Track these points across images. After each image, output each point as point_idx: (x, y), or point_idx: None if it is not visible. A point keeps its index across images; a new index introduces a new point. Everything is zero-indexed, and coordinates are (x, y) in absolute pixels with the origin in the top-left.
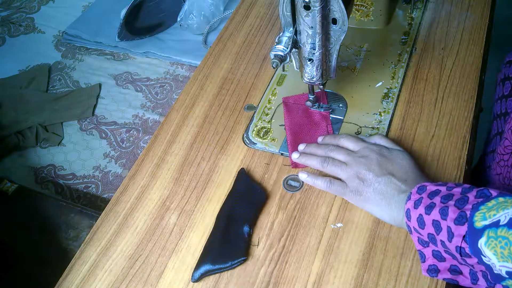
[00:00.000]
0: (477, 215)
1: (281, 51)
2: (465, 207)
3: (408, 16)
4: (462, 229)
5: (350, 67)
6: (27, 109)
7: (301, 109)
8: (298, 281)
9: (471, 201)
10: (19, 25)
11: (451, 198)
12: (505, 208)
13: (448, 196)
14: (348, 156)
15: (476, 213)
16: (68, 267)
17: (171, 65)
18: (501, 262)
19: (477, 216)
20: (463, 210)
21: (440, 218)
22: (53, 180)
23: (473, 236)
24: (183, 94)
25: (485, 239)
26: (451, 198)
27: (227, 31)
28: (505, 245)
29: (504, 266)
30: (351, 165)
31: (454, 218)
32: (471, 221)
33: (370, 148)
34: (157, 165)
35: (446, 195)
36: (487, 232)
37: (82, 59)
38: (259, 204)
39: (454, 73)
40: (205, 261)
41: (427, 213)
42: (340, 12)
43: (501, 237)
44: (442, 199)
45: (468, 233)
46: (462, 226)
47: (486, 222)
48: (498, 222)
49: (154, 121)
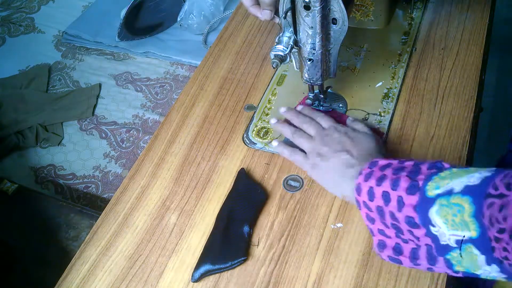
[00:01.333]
0: (429, 184)
1: (281, 51)
2: (417, 177)
3: (408, 16)
4: (413, 198)
5: (350, 67)
6: (27, 109)
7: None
8: (298, 281)
9: (423, 171)
10: (19, 25)
11: (403, 170)
12: (459, 177)
13: (400, 168)
14: (316, 131)
15: (428, 183)
16: (68, 267)
17: (171, 65)
18: (451, 230)
19: (429, 185)
20: (416, 180)
21: (391, 189)
22: (53, 180)
23: (424, 205)
24: (183, 94)
25: (437, 207)
26: (403, 170)
27: (227, 31)
28: (458, 212)
29: (454, 235)
30: (315, 140)
31: (406, 188)
32: (423, 189)
33: (338, 129)
34: (157, 165)
35: (398, 168)
36: (439, 200)
37: (82, 59)
38: (259, 204)
39: (454, 73)
40: (205, 261)
41: (378, 185)
42: (340, 12)
43: (453, 204)
44: (393, 171)
45: (419, 202)
46: (413, 196)
47: (438, 191)
48: (452, 190)
49: (154, 121)
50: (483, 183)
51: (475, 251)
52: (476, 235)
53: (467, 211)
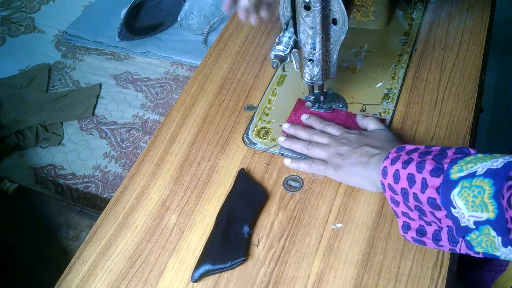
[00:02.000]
0: (454, 167)
1: (281, 51)
2: (443, 161)
3: (409, 16)
4: (437, 181)
5: (350, 68)
6: (27, 109)
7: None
8: (298, 281)
9: (449, 156)
10: (19, 25)
11: (429, 154)
12: (483, 161)
13: (427, 152)
14: (330, 138)
15: (453, 166)
16: (68, 267)
17: (171, 65)
18: (471, 211)
19: (454, 169)
20: (441, 163)
21: (416, 171)
22: (53, 180)
23: (446, 187)
24: (183, 94)
25: (459, 189)
26: (429, 154)
27: (227, 31)
28: (478, 194)
29: (473, 216)
30: (332, 145)
31: (430, 170)
32: (447, 173)
33: (351, 131)
34: (157, 165)
35: (425, 152)
36: (462, 183)
37: (82, 59)
38: (259, 204)
39: (454, 73)
40: (205, 261)
41: (404, 168)
42: (341, 13)
43: (475, 186)
44: (420, 155)
45: (442, 184)
46: (437, 178)
47: (462, 174)
48: (475, 173)
49: (154, 121)
50: (505, 167)
51: (492, 232)
52: (493, 216)
53: (487, 193)
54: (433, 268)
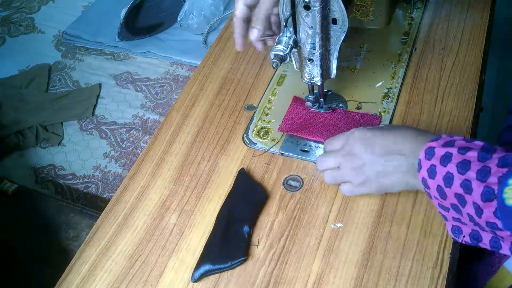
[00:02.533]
0: (506, 191)
1: (281, 51)
2: (489, 181)
3: (408, 16)
4: (492, 205)
5: (350, 67)
6: (27, 109)
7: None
8: (298, 281)
9: (494, 171)
10: (19, 25)
11: (469, 168)
12: None
13: (465, 164)
14: (335, 158)
15: (505, 189)
16: (68, 267)
17: (171, 65)
18: None
19: (507, 192)
20: (489, 185)
21: (463, 192)
22: (53, 180)
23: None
24: (183, 94)
25: None
26: (469, 168)
27: (227, 31)
28: None
29: None
30: (343, 167)
31: (481, 194)
32: (500, 198)
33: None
34: (157, 165)
35: (463, 163)
36: None
37: (82, 59)
38: (259, 204)
39: (454, 73)
40: (205, 261)
41: (447, 186)
42: (340, 12)
43: None
44: (459, 169)
45: (498, 209)
46: (490, 202)
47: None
48: None
49: (154, 121)
50: None
51: None
52: None
53: None
54: (433, 268)
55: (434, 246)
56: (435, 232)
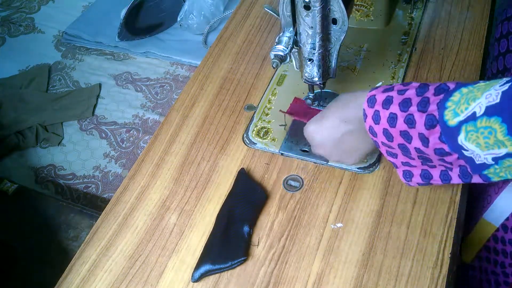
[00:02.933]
0: (446, 113)
1: (281, 51)
2: (429, 109)
3: (408, 16)
4: (436, 131)
5: (350, 67)
6: (27, 109)
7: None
8: (298, 281)
9: (432, 100)
10: (19, 25)
11: (411, 103)
12: (475, 99)
13: (406, 102)
14: None
15: (445, 112)
16: (68, 267)
17: (171, 65)
18: (486, 151)
19: (447, 114)
20: (430, 113)
21: (408, 127)
22: (53, 180)
23: (449, 135)
24: (183, 94)
25: (464, 134)
26: (410, 104)
27: (227, 31)
28: (489, 134)
29: (490, 154)
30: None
31: (424, 124)
32: (442, 120)
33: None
34: (157, 165)
35: (403, 101)
36: (464, 127)
37: (82, 59)
38: (259, 204)
39: (454, 73)
40: (205, 261)
41: (392, 126)
42: (340, 12)
43: (482, 128)
44: (401, 107)
45: (443, 133)
46: (434, 129)
47: (460, 118)
48: (474, 115)
49: (154, 121)
50: (504, 99)
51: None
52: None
53: (499, 132)
54: (433, 267)
55: (434, 246)
56: (435, 232)
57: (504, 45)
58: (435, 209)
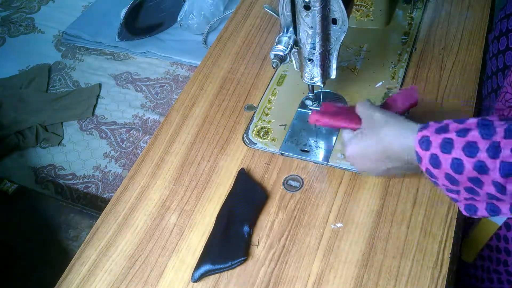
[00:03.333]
0: None
1: (281, 51)
2: (503, 155)
3: (408, 16)
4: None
5: (350, 67)
6: (27, 109)
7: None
8: (298, 281)
9: (504, 145)
10: (19, 25)
11: (478, 148)
12: None
13: (471, 146)
14: None
15: None
16: (68, 267)
17: (171, 65)
18: None
19: None
20: (504, 160)
21: (478, 174)
22: (53, 180)
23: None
24: (183, 94)
25: None
26: (477, 148)
27: (227, 31)
28: None
29: None
30: None
31: (499, 171)
32: None
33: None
34: (157, 165)
35: (468, 145)
36: None
37: (82, 59)
38: (259, 204)
39: (454, 73)
40: (205, 261)
41: (458, 173)
42: (340, 12)
43: None
44: (466, 152)
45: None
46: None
47: None
48: None
49: (154, 121)
50: None
51: None
52: None
53: None
54: (433, 267)
55: (434, 246)
56: (435, 232)
57: (503, 43)
58: (435, 209)
